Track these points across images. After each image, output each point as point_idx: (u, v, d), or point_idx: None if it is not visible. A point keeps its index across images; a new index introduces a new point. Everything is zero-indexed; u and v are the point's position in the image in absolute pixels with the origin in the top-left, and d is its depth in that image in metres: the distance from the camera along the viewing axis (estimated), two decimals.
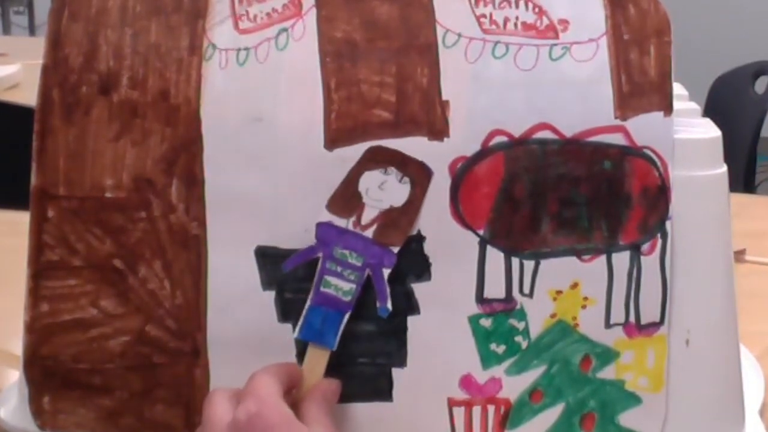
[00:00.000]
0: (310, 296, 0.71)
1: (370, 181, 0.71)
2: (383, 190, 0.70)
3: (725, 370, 0.76)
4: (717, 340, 0.75)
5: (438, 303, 0.72)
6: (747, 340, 0.85)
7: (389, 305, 0.71)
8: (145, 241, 0.73)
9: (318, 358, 0.71)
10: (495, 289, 0.72)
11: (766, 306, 1.09)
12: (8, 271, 0.81)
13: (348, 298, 0.70)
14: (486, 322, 0.72)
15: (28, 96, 1.31)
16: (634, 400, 0.73)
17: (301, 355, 0.72)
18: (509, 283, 0.72)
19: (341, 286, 0.70)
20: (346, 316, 0.70)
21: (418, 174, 0.70)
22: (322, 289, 0.71)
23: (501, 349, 0.72)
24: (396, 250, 0.71)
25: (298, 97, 0.72)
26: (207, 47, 0.73)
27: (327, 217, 0.70)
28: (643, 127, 0.71)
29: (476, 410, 0.73)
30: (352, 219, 0.70)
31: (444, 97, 0.71)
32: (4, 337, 0.97)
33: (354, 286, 0.70)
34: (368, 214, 0.70)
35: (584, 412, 0.73)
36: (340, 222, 0.70)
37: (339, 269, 0.70)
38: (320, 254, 0.71)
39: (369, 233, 0.70)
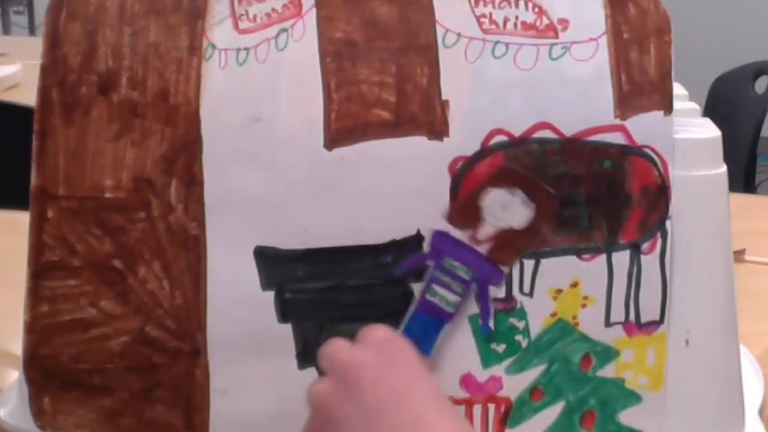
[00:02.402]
0: (415, 303, 0.71)
1: (494, 199, 0.70)
2: (506, 210, 0.70)
3: (725, 370, 0.76)
4: (717, 339, 0.75)
5: None
6: (747, 340, 0.85)
7: (491, 324, 0.71)
8: (144, 241, 0.72)
9: None
10: (495, 288, 0.72)
11: (766, 306, 1.09)
12: (8, 271, 0.81)
13: (451, 310, 0.70)
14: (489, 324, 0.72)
15: (28, 96, 1.30)
16: (634, 398, 0.73)
17: (301, 355, 0.72)
18: (509, 283, 0.72)
19: (447, 297, 0.70)
20: (446, 327, 0.70)
21: (544, 201, 0.70)
22: (427, 297, 0.71)
23: (501, 348, 0.72)
24: (506, 270, 0.70)
25: (297, 97, 0.72)
26: (206, 47, 0.73)
27: (444, 226, 0.70)
28: (643, 127, 0.71)
29: (477, 409, 0.73)
30: (469, 233, 0.70)
31: (444, 97, 0.71)
32: (4, 337, 0.97)
33: (459, 298, 0.70)
34: (486, 231, 0.70)
35: (584, 410, 0.73)
36: (456, 233, 0.70)
37: (447, 280, 0.70)
38: (431, 262, 0.71)
39: (483, 249, 0.70)
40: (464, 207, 0.70)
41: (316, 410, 0.63)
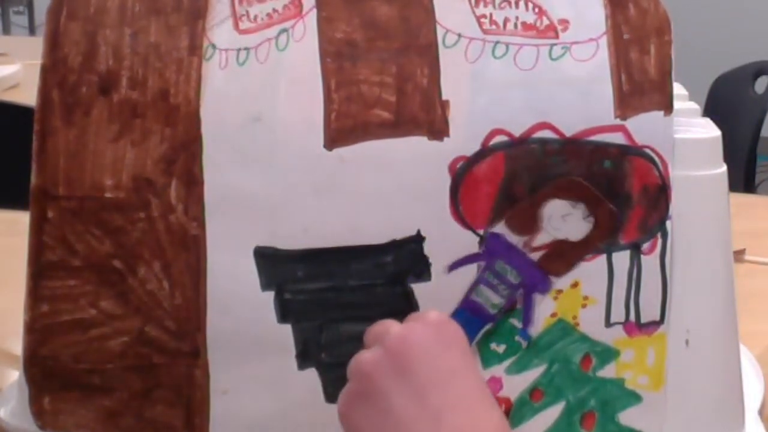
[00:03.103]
0: (461, 299, 0.71)
1: (555, 209, 0.70)
2: (565, 222, 0.70)
3: (725, 370, 0.76)
4: (717, 339, 0.75)
5: (438, 303, 0.72)
6: (747, 340, 0.85)
7: (531, 331, 0.71)
8: (144, 241, 0.72)
9: None
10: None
11: (766, 306, 1.09)
12: (8, 271, 0.81)
13: (494, 311, 0.71)
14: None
15: (28, 96, 1.31)
16: (634, 398, 0.73)
17: (301, 355, 0.72)
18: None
19: (492, 299, 0.71)
20: (487, 327, 0.71)
21: (604, 217, 0.70)
22: (472, 296, 0.71)
23: (501, 348, 0.72)
24: (555, 280, 0.71)
25: (298, 97, 0.72)
26: (207, 47, 0.73)
27: (502, 230, 0.70)
28: (643, 127, 0.71)
29: None
30: (525, 239, 0.70)
31: (444, 97, 0.71)
32: (4, 337, 0.97)
33: (504, 301, 0.71)
34: (541, 239, 0.70)
35: (584, 410, 0.73)
36: (512, 238, 0.70)
37: (495, 282, 0.71)
38: (482, 263, 0.71)
39: (535, 256, 0.71)
40: (523, 213, 0.70)
41: (360, 377, 0.63)
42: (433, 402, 0.60)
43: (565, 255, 0.71)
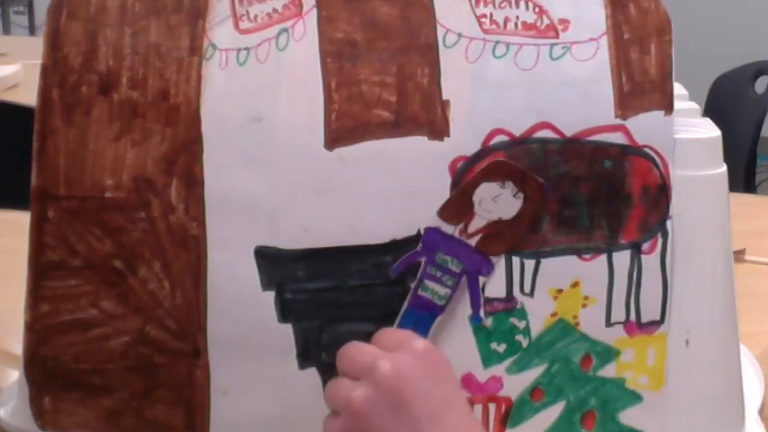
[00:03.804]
0: (408, 299, 0.71)
1: (485, 193, 0.70)
2: (496, 203, 0.70)
3: (725, 370, 0.76)
4: (717, 339, 0.75)
5: None
6: (747, 340, 0.85)
7: (482, 313, 0.71)
8: (144, 241, 0.72)
9: None
10: (496, 288, 0.72)
11: (766, 306, 1.09)
12: (8, 271, 0.81)
13: (442, 303, 0.71)
14: (487, 321, 0.72)
15: (28, 96, 1.31)
16: (634, 398, 0.73)
17: (301, 355, 0.72)
18: (510, 282, 0.72)
19: (438, 291, 0.71)
20: (438, 319, 0.71)
21: (534, 191, 0.70)
22: (419, 292, 0.71)
23: (502, 348, 0.72)
24: (495, 260, 0.71)
25: (298, 97, 0.72)
26: (207, 47, 0.73)
27: (436, 222, 0.71)
28: (644, 126, 0.71)
29: (477, 408, 0.73)
30: (460, 227, 0.70)
31: (444, 97, 0.71)
32: (4, 337, 0.97)
33: (449, 291, 0.71)
34: (476, 223, 0.71)
35: (585, 410, 0.73)
36: (447, 228, 0.71)
37: (439, 274, 0.71)
38: (423, 259, 0.71)
39: (472, 241, 0.71)
40: (456, 202, 0.70)
41: (354, 416, 0.63)
42: None
43: (501, 235, 0.71)
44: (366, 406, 0.62)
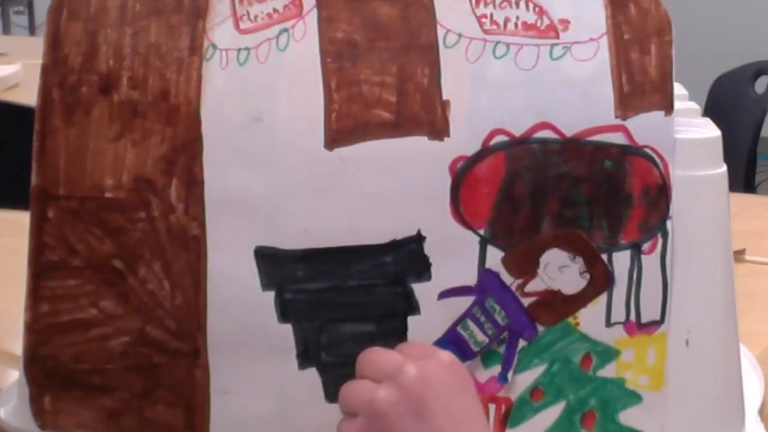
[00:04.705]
0: (447, 329, 0.71)
1: (553, 259, 0.70)
2: (561, 273, 0.70)
3: (725, 370, 0.76)
4: (717, 339, 0.75)
5: (438, 303, 0.72)
6: (747, 340, 0.85)
7: (510, 376, 0.71)
8: (144, 241, 0.72)
9: None
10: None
11: (766, 306, 1.09)
12: (8, 271, 0.81)
13: (476, 349, 0.71)
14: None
15: (28, 96, 1.30)
16: (634, 398, 0.73)
17: (301, 355, 0.72)
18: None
19: (476, 335, 0.71)
20: (467, 364, 0.70)
21: (600, 277, 0.70)
22: (459, 329, 0.71)
23: (502, 348, 0.72)
24: (541, 329, 0.71)
25: (298, 97, 0.72)
26: (207, 47, 0.73)
27: (498, 267, 0.70)
28: (644, 127, 0.71)
29: None
30: (519, 281, 0.70)
31: (444, 97, 0.71)
32: (4, 337, 0.97)
33: (487, 340, 0.71)
34: (535, 285, 0.71)
35: (585, 410, 0.73)
36: (506, 278, 0.70)
37: (483, 319, 0.70)
38: (474, 297, 0.71)
39: (526, 301, 0.70)
40: (523, 255, 0.70)
41: (375, 416, 0.62)
42: None
43: (555, 307, 0.71)
44: (389, 406, 0.62)
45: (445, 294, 0.71)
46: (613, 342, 0.73)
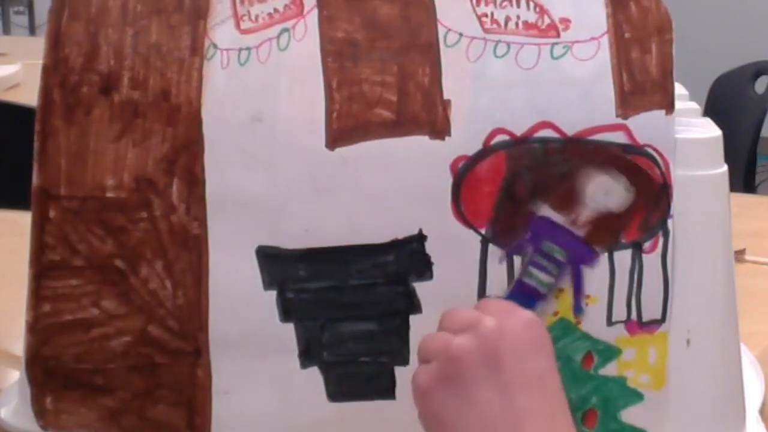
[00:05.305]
0: (511, 286, 0.71)
1: (599, 186, 0.71)
2: (608, 196, 0.70)
3: (726, 369, 0.76)
4: (717, 339, 0.75)
5: (440, 302, 0.72)
6: (747, 340, 0.85)
7: (583, 303, 0.72)
8: (146, 241, 0.73)
9: None
10: (497, 287, 0.72)
11: (766, 306, 1.09)
12: (9, 271, 0.81)
13: (545, 290, 0.71)
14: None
15: (28, 96, 1.31)
16: (636, 396, 0.73)
17: (303, 354, 0.72)
18: (511, 282, 0.72)
19: (542, 279, 0.71)
20: (539, 305, 0.71)
21: (645, 185, 0.70)
22: (525, 280, 0.71)
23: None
24: (599, 250, 0.71)
25: (299, 96, 0.72)
26: (208, 47, 0.73)
27: (547, 212, 0.71)
28: (645, 126, 0.71)
29: None
30: (570, 217, 0.71)
31: (445, 97, 0.71)
32: (4, 337, 0.97)
33: (554, 280, 0.71)
34: (586, 215, 0.71)
35: (586, 408, 0.73)
36: (557, 218, 0.71)
37: (544, 263, 0.71)
38: (530, 248, 0.71)
39: (581, 232, 0.71)
40: (567, 191, 0.70)
41: (449, 361, 0.62)
42: (518, 403, 0.60)
43: (611, 227, 0.71)
44: (463, 353, 0.61)
45: (506, 255, 0.71)
46: (614, 341, 0.73)
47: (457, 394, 0.61)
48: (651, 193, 0.71)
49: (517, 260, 0.71)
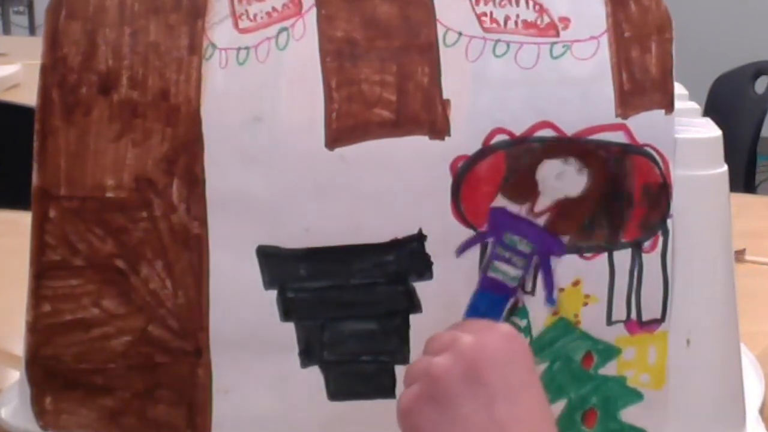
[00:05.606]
0: (478, 281, 0.71)
1: (548, 171, 0.70)
2: (560, 180, 0.70)
3: (726, 369, 0.76)
4: (717, 339, 0.75)
5: (439, 301, 0.72)
6: (747, 340, 0.85)
7: (555, 295, 0.71)
8: (146, 241, 0.73)
9: None
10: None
11: (766, 306, 1.09)
12: (9, 271, 0.81)
13: (514, 284, 0.71)
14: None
15: (28, 96, 1.30)
16: (635, 396, 0.73)
17: (303, 353, 0.72)
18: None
19: (508, 272, 0.71)
20: (511, 301, 0.71)
21: (598, 166, 0.70)
22: (489, 274, 0.71)
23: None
24: (566, 239, 0.71)
25: (298, 96, 0.72)
26: (207, 47, 0.73)
27: (501, 202, 0.70)
28: (645, 125, 0.71)
29: None
30: (526, 206, 0.70)
31: (445, 96, 0.71)
32: (4, 337, 0.97)
33: (521, 272, 0.71)
34: (542, 202, 0.70)
35: (586, 408, 0.73)
36: (513, 208, 0.70)
37: (508, 255, 0.70)
38: (490, 239, 0.71)
39: (541, 221, 0.70)
40: (518, 181, 0.70)
41: (430, 381, 0.62)
42: (501, 415, 0.60)
43: (571, 213, 0.70)
44: (443, 371, 0.62)
45: (461, 249, 0.71)
46: (614, 340, 0.73)
47: (439, 411, 0.62)
48: (651, 193, 0.71)
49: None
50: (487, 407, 0.61)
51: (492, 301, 0.70)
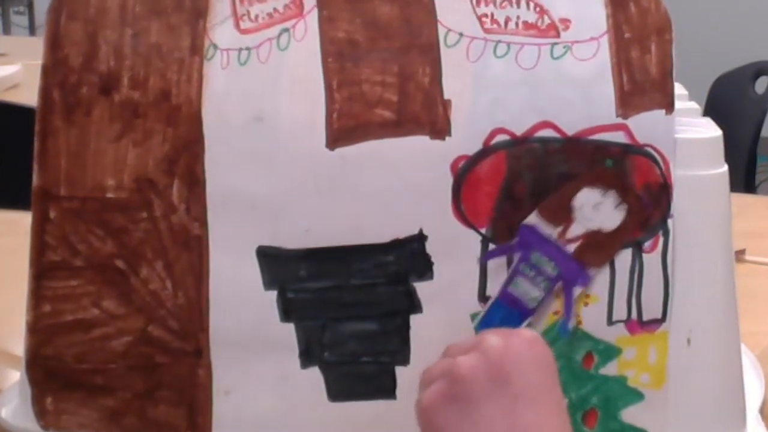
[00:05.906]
0: (498, 292, 0.71)
1: (586, 199, 0.70)
2: (597, 211, 0.70)
3: (726, 369, 0.76)
4: (718, 339, 0.75)
5: (440, 301, 0.72)
6: (747, 340, 0.85)
7: (571, 325, 0.71)
8: (146, 241, 0.73)
9: None
10: (497, 287, 0.72)
11: (766, 306, 1.09)
12: (9, 271, 0.81)
13: (532, 305, 0.71)
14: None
15: (28, 96, 1.30)
16: (636, 396, 0.73)
17: (304, 354, 0.72)
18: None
19: (529, 292, 0.71)
20: (526, 321, 0.71)
21: (636, 205, 0.70)
22: (509, 288, 0.71)
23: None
24: (593, 272, 0.70)
25: (299, 97, 0.72)
26: (208, 47, 0.73)
27: (534, 221, 0.70)
28: (645, 125, 0.71)
29: None
30: (559, 229, 0.70)
31: (446, 97, 0.71)
32: (4, 337, 0.97)
33: (542, 294, 0.71)
34: (575, 230, 0.70)
35: (587, 408, 0.73)
36: (545, 229, 0.70)
37: (532, 274, 0.70)
38: (518, 255, 0.70)
39: (570, 248, 0.70)
40: (555, 203, 0.70)
41: (454, 380, 0.63)
42: (523, 418, 0.61)
43: (601, 246, 0.70)
44: (468, 370, 0.62)
45: (488, 257, 0.71)
46: (614, 340, 0.73)
47: (462, 411, 0.62)
48: (651, 193, 0.71)
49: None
50: (511, 409, 0.61)
51: (508, 314, 0.70)
